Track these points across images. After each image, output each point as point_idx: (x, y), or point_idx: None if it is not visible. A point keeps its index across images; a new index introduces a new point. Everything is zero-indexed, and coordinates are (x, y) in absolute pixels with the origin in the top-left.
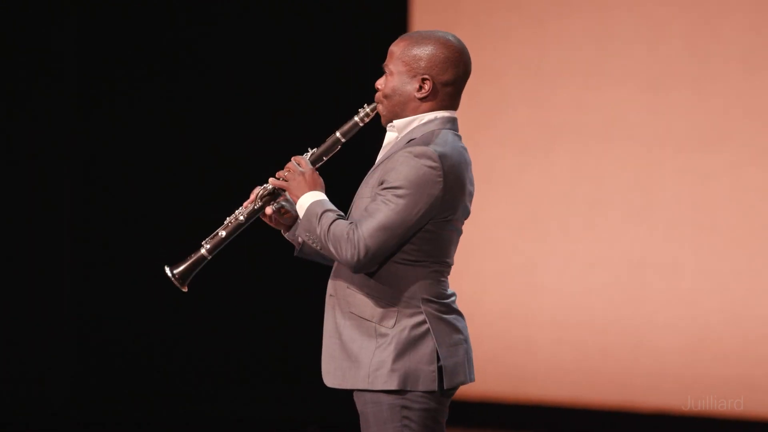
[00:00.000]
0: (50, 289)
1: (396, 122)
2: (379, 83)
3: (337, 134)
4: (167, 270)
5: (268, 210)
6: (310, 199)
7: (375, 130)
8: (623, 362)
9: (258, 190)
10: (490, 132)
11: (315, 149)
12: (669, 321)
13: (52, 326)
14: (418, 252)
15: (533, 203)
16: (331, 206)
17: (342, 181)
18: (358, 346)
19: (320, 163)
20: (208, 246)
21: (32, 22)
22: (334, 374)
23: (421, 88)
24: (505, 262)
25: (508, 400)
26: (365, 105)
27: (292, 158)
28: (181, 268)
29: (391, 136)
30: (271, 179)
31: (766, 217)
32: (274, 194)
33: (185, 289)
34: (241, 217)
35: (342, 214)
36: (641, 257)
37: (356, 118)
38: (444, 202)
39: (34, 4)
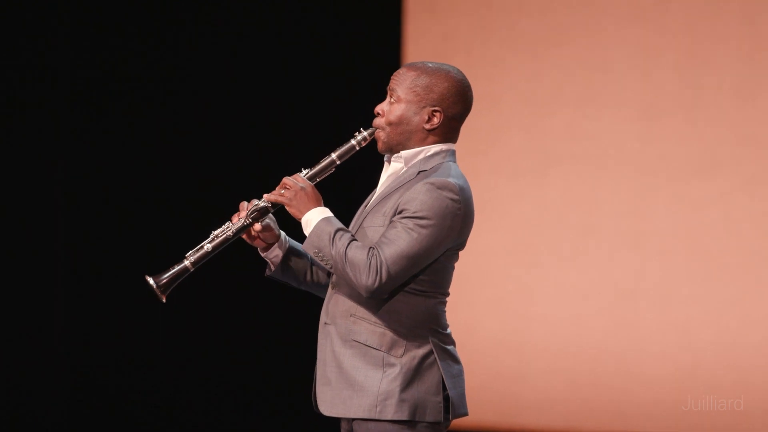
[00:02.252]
0: (41, 306)
1: (403, 153)
2: (381, 108)
3: (333, 156)
4: (148, 279)
5: (257, 227)
6: (318, 215)
7: (370, 157)
8: (616, 391)
9: (246, 205)
10: (483, 159)
11: (308, 170)
12: (662, 350)
13: (44, 344)
14: (427, 282)
15: (526, 231)
16: (341, 224)
17: (333, 205)
18: (363, 375)
19: (313, 184)
20: (192, 259)
21: (25, 29)
22: (332, 402)
23: (430, 119)
24: (497, 290)
25: (501, 429)
26: (362, 129)
27: (287, 177)
28: (163, 278)
29: (396, 167)
30: (266, 195)
31: (759, 245)
32: (265, 211)
33: (164, 300)
34: (230, 232)
35: (353, 234)
36: (634, 285)
37: (353, 142)
38: (459, 235)
39: (27, 10)
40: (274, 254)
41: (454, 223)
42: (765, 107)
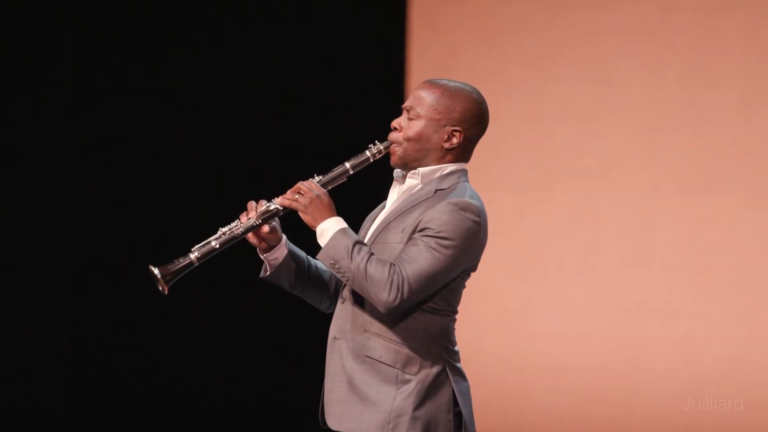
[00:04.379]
0: (47, 304)
1: (421, 170)
2: (398, 123)
3: (347, 165)
4: (153, 269)
5: (266, 228)
6: (334, 226)
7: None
8: (620, 408)
9: (255, 205)
10: (487, 176)
11: (321, 176)
12: (666, 367)
13: (48, 343)
14: (442, 301)
15: (530, 247)
16: (357, 236)
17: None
18: (375, 391)
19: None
20: (198, 254)
21: (28, 17)
22: (341, 417)
23: (449, 138)
24: (502, 307)
25: None
26: (376, 141)
27: (301, 182)
28: (168, 270)
29: (411, 183)
30: (278, 199)
31: (764, 261)
32: (276, 213)
33: (166, 292)
34: (238, 231)
35: (370, 248)
36: (639, 302)
37: (368, 154)
38: (475, 256)
39: (31, 12)
40: (274, 257)
41: (473, 244)
42: None
